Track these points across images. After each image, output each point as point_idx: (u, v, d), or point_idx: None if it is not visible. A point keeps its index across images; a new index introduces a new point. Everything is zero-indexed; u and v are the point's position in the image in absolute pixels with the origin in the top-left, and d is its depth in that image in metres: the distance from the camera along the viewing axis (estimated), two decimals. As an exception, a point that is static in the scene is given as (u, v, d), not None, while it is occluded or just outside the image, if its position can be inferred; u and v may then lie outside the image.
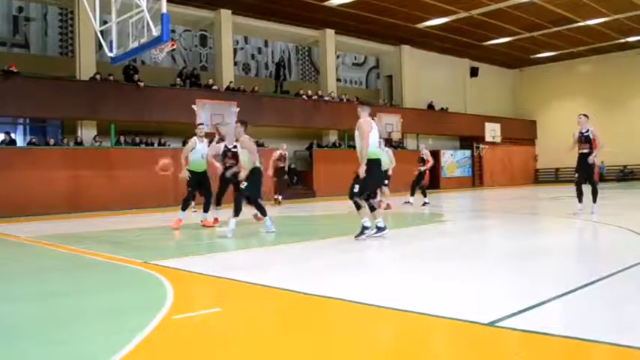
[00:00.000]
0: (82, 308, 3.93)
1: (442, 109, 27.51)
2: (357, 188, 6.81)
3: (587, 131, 9.73)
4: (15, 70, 15.30)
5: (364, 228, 6.83)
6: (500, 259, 5.78)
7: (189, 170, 9.03)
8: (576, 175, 9.88)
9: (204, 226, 9.27)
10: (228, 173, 8.76)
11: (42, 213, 14.48)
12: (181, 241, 8.45)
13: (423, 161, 13.97)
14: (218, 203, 9.47)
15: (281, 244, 7.26)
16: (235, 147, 8.65)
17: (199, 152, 9.11)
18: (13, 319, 3.67)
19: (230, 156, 8.90)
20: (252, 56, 23.64)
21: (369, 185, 6.91)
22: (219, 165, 9.21)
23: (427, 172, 14.12)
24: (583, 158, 9.74)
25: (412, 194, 14.04)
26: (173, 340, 3.04)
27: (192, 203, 10.80)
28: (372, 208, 7.03)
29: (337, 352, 2.81)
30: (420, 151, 14.42)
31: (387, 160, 11.42)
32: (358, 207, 6.90)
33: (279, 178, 16.06)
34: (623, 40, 26.41)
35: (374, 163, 6.92)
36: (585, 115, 10.01)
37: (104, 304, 4.05)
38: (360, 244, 6.78)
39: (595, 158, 9.69)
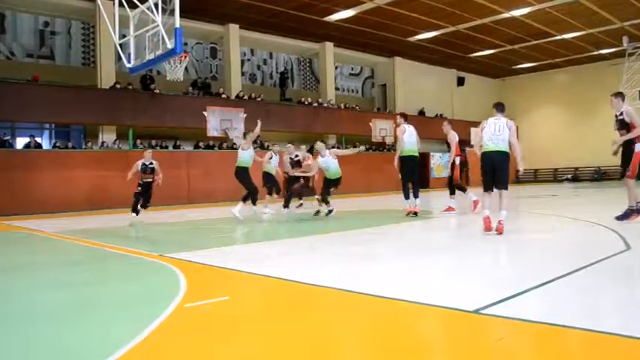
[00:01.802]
0: (102, 296, 3.93)
1: (436, 115, 27.51)
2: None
3: (622, 114, 7.03)
4: (38, 82, 15.40)
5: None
6: (482, 251, 5.77)
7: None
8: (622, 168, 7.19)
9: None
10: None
11: (65, 210, 14.49)
12: (193, 235, 8.45)
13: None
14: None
15: (285, 238, 7.26)
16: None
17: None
18: (39, 305, 3.67)
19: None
20: (258, 67, 23.64)
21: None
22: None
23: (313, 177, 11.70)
24: (623, 146, 7.10)
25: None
26: (185, 326, 3.04)
27: None
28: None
29: (337, 338, 2.82)
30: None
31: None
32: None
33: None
34: (596, 53, 26.44)
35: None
36: (618, 95, 7.24)
37: (123, 292, 4.05)
38: (356, 239, 6.78)
39: (634, 144, 6.92)
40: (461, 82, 30.14)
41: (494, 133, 6.60)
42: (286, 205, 10.46)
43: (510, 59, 27.85)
